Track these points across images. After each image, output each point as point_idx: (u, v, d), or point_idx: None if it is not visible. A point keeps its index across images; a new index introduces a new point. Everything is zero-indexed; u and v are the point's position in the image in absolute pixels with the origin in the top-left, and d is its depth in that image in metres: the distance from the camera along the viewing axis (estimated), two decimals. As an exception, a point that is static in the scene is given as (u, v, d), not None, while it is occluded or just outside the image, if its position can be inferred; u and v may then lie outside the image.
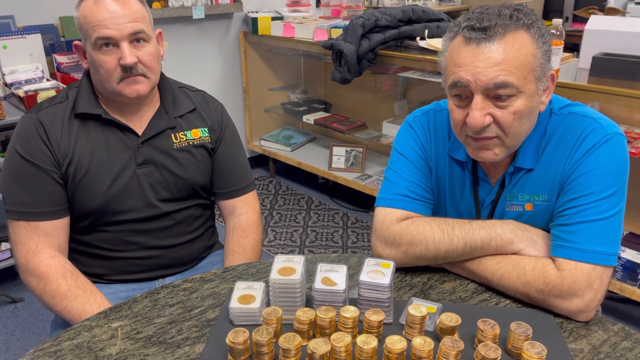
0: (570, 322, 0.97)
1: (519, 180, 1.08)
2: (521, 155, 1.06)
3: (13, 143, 1.23)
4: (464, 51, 0.96)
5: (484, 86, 0.94)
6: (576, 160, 1.01)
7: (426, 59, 2.50)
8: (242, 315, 0.95)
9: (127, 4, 1.17)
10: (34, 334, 2.17)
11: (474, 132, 0.98)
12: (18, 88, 2.25)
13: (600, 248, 0.96)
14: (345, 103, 3.56)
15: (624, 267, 2.05)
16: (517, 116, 0.96)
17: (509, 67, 0.93)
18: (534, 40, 0.95)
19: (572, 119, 1.04)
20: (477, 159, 1.05)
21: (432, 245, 1.06)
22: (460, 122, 1.00)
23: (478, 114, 0.95)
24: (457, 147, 1.11)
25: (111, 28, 1.15)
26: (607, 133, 1.00)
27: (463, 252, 1.05)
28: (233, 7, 3.28)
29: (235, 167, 1.42)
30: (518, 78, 0.93)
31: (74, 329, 0.96)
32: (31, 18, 2.61)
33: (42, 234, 1.22)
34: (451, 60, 0.98)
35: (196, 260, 1.44)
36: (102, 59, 1.18)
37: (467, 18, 0.97)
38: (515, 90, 0.94)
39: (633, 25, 2.02)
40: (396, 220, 1.11)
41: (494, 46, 0.93)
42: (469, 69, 0.94)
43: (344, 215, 3.16)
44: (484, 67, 0.93)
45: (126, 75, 1.19)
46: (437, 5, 4.25)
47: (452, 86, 0.98)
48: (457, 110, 1.00)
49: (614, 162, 0.98)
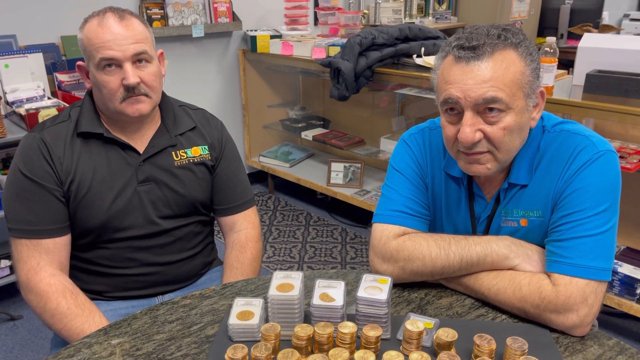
0: (566, 337, 0.98)
1: (513, 196, 1.09)
2: (515, 172, 1.08)
3: (16, 162, 1.24)
4: (454, 69, 0.99)
5: (474, 102, 0.96)
6: (569, 176, 1.03)
7: (423, 76, 2.54)
8: (241, 332, 0.95)
9: (130, 25, 1.20)
10: (33, 351, 2.16)
11: (465, 147, 1.00)
12: (19, 106, 2.28)
13: (594, 263, 0.97)
14: (344, 119, 3.60)
15: (621, 282, 2.06)
16: (507, 132, 0.98)
17: (498, 83, 0.95)
18: (522, 58, 0.98)
19: (565, 137, 1.06)
20: (469, 173, 1.07)
21: (428, 261, 1.07)
22: (452, 137, 1.03)
23: (468, 130, 0.97)
24: (453, 164, 1.13)
25: (114, 49, 1.17)
26: (599, 150, 1.02)
27: (459, 268, 1.07)
28: (232, 25, 3.33)
29: (235, 184, 1.44)
30: (507, 94, 0.96)
31: (74, 346, 0.97)
32: (33, 37, 2.64)
33: (43, 251, 1.23)
34: (442, 78, 1.01)
35: (195, 277, 1.45)
36: (106, 79, 1.20)
37: (457, 37, 1.00)
38: (505, 105, 0.96)
39: (626, 43, 2.06)
40: (393, 237, 1.12)
41: (483, 64, 0.96)
42: (458, 86, 0.97)
43: (342, 230, 3.17)
44: (473, 84, 0.96)
45: (129, 95, 1.21)
46: (434, 23, 4.30)
47: (444, 103, 1.01)
48: (448, 126, 1.03)
49: (606, 178, 1.00)
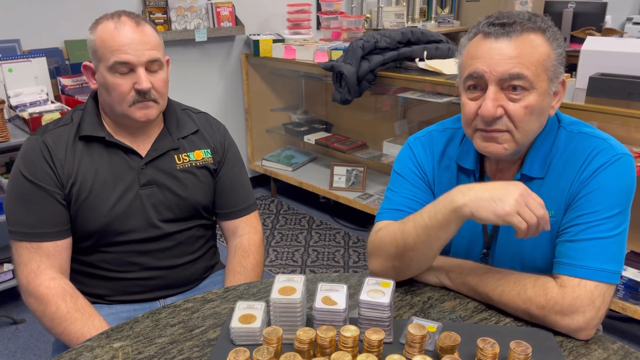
0: (570, 341, 0.97)
1: None
2: (529, 164, 1.07)
3: (18, 164, 1.25)
4: (482, 45, 1.00)
5: (499, 76, 0.97)
6: (585, 178, 1.02)
7: (425, 80, 2.53)
8: (243, 335, 0.95)
9: (145, 32, 1.22)
10: (35, 355, 2.16)
11: (485, 123, 1.00)
12: (23, 110, 2.28)
13: (605, 266, 0.97)
14: (346, 123, 3.59)
15: (625, 286, 2.05)
16: (528, 111, 0.98)
17: (524, 61, 0.96)
18: (549, 43, 0.99)
19: (582, 138, 1.06)
20: (485, 153, 1.05)
21: (396, 240, 1.06)
22: (472, 115, 1.02)
23: (491, 104, 0.98)
24: (465, 155, 1.13)
25: (130, 54, 1.19)
26: (617, 153, 1.02)
27: (416, 234, 1.02)
28: (235, 30, 3.34)
29: (237, 188, 1.44)
30: (532, 73, 0.97)
31: (76, 349, 0.97)
32: (36, 42, 2.65)
33: (44, 254, 1.23)
34: (468, 55, 1.02)
35: (198, 281, 1.44)
36: (117, 82, 1.20)
37: (487, 17, 1.02)
38: (529, 84, 0.97)
39: (629, 46, 2.05)
40: (378, 229, 1.13)
41: (511, 41, 0.97)
42: (485, 60, 0.98)
43: (345, 234, 3.16)
44: (499, 59, 0.97)
45: (139, 99, 1.22)
46: (436, 27, 4.30)
47: (468, 78, 1.01)
48: (469, 103, 1.03)
49: (622, 181, 1.00)
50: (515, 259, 1.12)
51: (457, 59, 1.09)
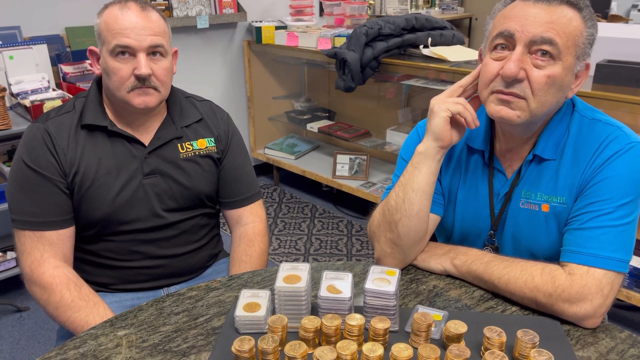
0: (577, 330, 0.96)
1: (534, 174, 1.07)
2: (542, 144, 1.06)
3: (20, 152, 1.24)
4: (518, 6, 0.99)
5: (530, 38, 0.95)
6: (598, 165, 1.01)
7: (430, 67, 2.51)
8: (248, 324, 0.95)
9: (150, 17, 1.20)
10: (40, 342, 2.17)
11: (504, 84, 0.98)
12: (24, 98, 2.27)
13: (614, 254, 0.96)
14: (349, 111, 3.57)
15: (631, 275, 2.04)
16: (550, 80, 0.97)
17: (558, 29, 0.95)
18: (584, 21, 0.99)
19: (596, 125, 1.05)
20: (497, 117, 1.02)
21: (383, 209, 1.12)
22: (493, 75, 1.00)
23: (514, 65, 0.96)
24: (476, 136, 1.13)
25: (132, 38, 1.17)
26: (631, 141, 1.01)
27: (395, 193, 1.10)
28: (237, 16, 3.31)
29: (241, 177, 1.43)
30: (563, 43, 0.96)
31: (80, 337, 0.97)
32: (37, 29, 2.63)
33: (47, 243, 1.22)
34: (502, 16, 1.01)
35: (201, 269, 1.44)
36: (117, 66, 1.19)
37: None
38: (557, 52, 0.96)
39: (636, 33, 2.03)
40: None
41: (549, 8, 0.96)
42: (519, 20, 0.97)
43: (348, 223, 3.16)
44: (534, 21, 0.96)
45: (138, 85, 1.20)
46: (440, 14, 4.26)
47: (497, 36, 1.00)
48: (492, 63, 1.01)
49: (635, 170, 0.99)
50: (521, 244, 1.11)
51: (487, 23, 1.07)
